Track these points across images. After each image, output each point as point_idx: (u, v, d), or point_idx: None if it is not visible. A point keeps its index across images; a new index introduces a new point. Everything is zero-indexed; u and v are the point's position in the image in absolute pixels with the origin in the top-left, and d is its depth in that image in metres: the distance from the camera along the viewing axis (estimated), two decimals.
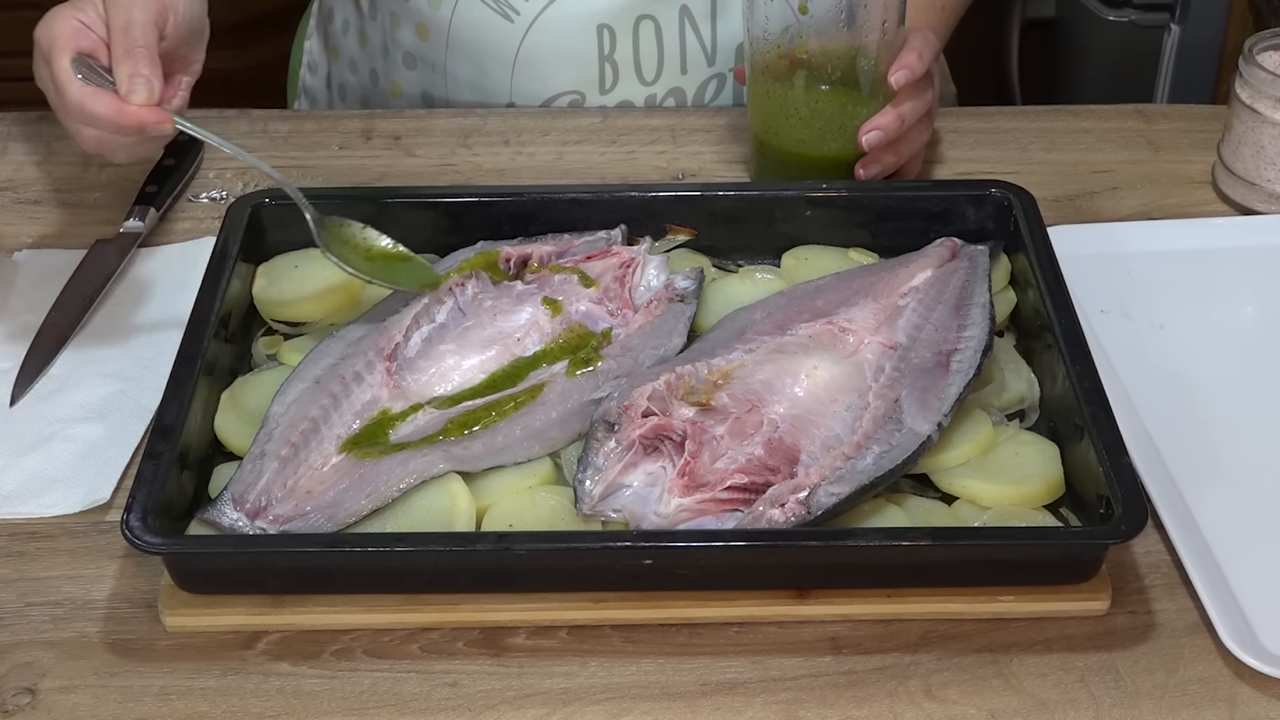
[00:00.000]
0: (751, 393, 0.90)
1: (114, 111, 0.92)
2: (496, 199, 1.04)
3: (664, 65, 1.22)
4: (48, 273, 1.07)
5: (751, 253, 1.05)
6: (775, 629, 0.84)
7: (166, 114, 0.93)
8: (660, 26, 1.20)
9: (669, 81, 1.23)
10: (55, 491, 0.92)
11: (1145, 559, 0.88)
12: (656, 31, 1.20)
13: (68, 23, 0.94)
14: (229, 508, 0.85)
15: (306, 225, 0.96)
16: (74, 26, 0.94)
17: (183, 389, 0.89)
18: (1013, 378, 0.95)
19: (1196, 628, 0.84)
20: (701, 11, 1.20)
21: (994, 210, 1.03)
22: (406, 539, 0.84)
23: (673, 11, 1.19)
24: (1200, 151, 1.20)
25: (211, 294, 0.96)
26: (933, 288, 0.98)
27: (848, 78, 1.06)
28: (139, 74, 0.92)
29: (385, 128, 1.22)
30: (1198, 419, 0.95)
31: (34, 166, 1.19)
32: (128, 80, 0.92)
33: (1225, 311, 1.04)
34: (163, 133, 0.94)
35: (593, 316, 0.97)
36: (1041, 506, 0.88)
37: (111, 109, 0.92)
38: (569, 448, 0.90)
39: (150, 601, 0.85)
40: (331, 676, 0.82)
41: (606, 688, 0.81)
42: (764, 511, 0.84)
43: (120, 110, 0.92)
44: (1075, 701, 0.80)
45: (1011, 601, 0.84)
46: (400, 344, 0.94)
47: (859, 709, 0.80)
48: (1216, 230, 1.10)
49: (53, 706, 0.80)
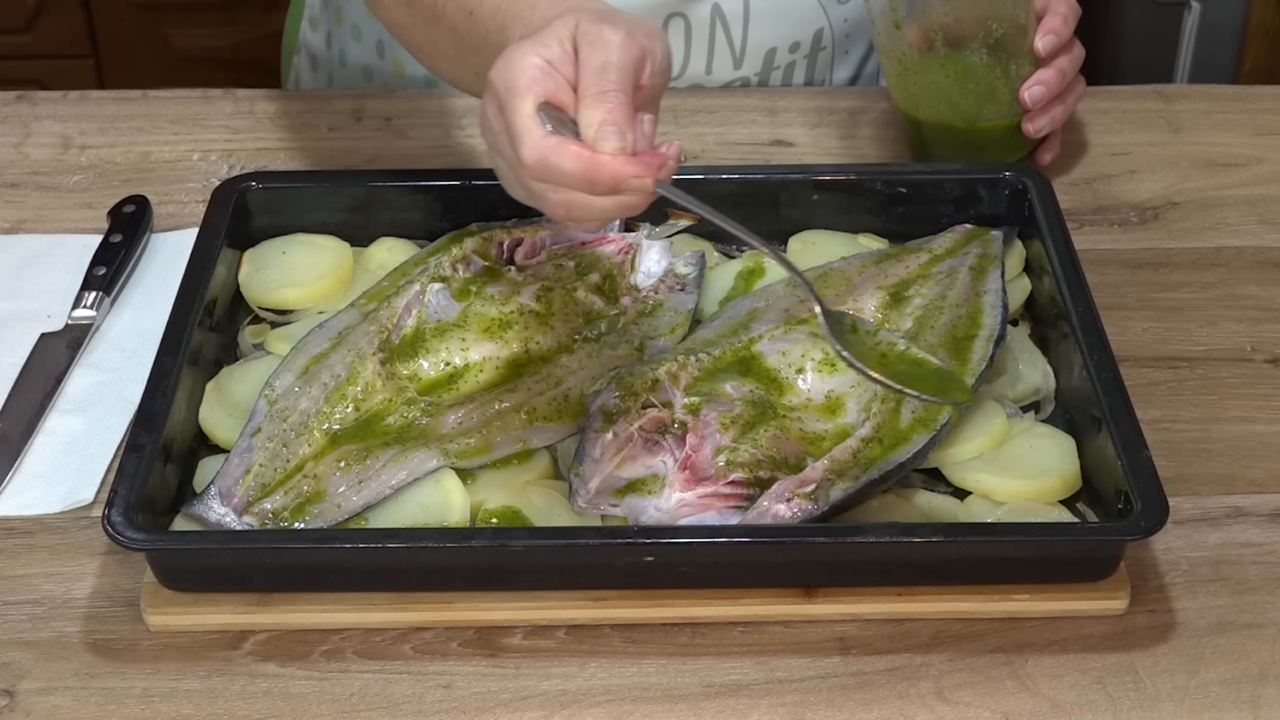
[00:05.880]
0: (755, 383, 0.89)
1: (585, 165, 0.78)
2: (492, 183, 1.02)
3: (689, 64, 1.22)
4: (26, 258, 1.06)
5: None
6: (781, 629, 0.83)
7: (645, 167, 0.78)
8: (690, 25, 1.19)
9: (690, 80, 1.23)
10: (35, 489, 0.91)
11: (1165, 556, 0.87)
12: (686, 30, 1.20)
13: (531, 62, 0.80)
14: (215, 502, 0.85)
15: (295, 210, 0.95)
16: (538, 67, 0.80)
17: (166, 379, 0.89)
18: (1028, 368, 0.95)
19: (1218, 627, 0.84)
20: (734, 13, 1.19)
21: (1008, 194, 1.03)
22: (399, 535, 0.84)
23: (705, 10, 1.19)
24: (1222, 133, 1.19)
25: (196, 281, 0.95)
26: (944, 275, 0.97)
27: (989, 42, 1.08)
28: (610, 121, 0.78)
29: (376, 109, 1.22)
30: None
31: (11, 149, 1.18)
32: (597, 126, 0.78)
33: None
34: (642, 190, 0.79)
35: (590, 304, 0.95)
36: (1057, 502, 0.88)
37: (581, 161, 0.78)
38: (566, 441, 0.90)
39: (133, 600, 0.85)
40: (321, 678, 0.81)
41: (606, 689, 0.81)
42: (769, 507, 0.83)
43: (592, 163, 0.78)
44: (1093, 704, 0.80)
45: (1026, 600, 0.84)
46: (392, 334, 0.93)
47: (868, 711, 0.80)
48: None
49: (31, 709, 0.80)
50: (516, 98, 0.79)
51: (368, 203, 1.02)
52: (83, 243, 1.06)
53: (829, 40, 1.23)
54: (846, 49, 1.25)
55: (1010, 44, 1.08)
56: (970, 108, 1.09)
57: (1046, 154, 1.13)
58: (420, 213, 1.02)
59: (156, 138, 1.18)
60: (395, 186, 1.03)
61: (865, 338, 0.84)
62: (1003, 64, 1.08)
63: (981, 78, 1.09)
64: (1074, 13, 1.10)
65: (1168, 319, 1.03)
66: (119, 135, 1.18)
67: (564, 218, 0.81)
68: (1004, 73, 1.08)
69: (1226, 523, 0.89)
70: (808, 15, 1.21)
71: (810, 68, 1.24)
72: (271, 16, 2.14)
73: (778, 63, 1.23)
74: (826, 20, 1.22)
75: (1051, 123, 1.10)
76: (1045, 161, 1.13)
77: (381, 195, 1.02)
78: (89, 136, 1.18)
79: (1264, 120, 1.20)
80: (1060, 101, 1.10)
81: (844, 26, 1.23)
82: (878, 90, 1.24)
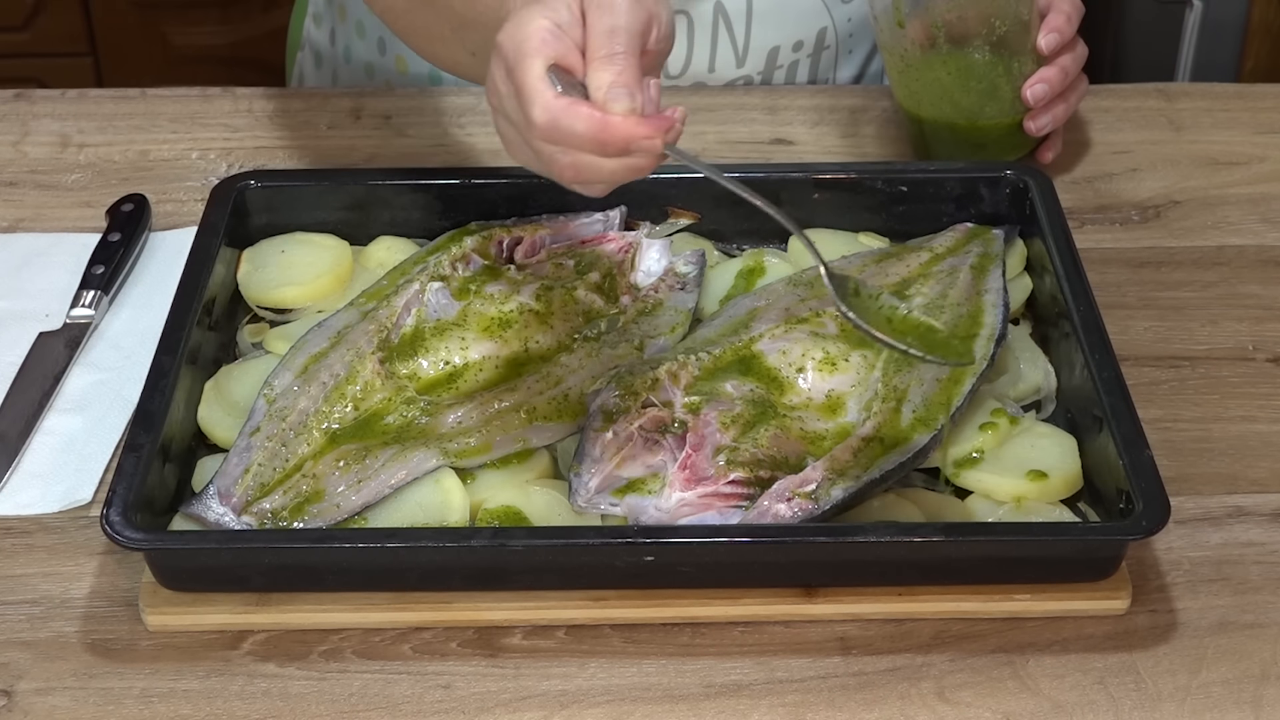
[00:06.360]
0: (756, 382, 0.89)
1: (596, 125, 0.78)
2: (491, 181, 1.03)
3: (692, 62, 1.21)
4: (24, 256, 1.06)
5: (757, 237, 1.04)
6: (782, 629, 0.83)
7: (654, 127, 0.79)
8: (693, 22, 1.19)
9: (693, 79, 1.22)
10: (33, 488, 0.91)
11: (1166, 556, 0.87)
12: (689, 28, 1.19)
13: (540, 25, 0.81)
14: (214, 502, 0.85)
15: (294, 208, 0.95)
16: (547, 29, 0.81)
17: (165, 379, 0.88)
18: (1029, 367, 0.94)
19: (1220, 627, 0.83)
20: (737, 12, 1.19)
21: (1009, 193, 1.03)
22: (398, 534, 0.83)
23: (707, 8, 1.18)
24: (1223, 132, 1.19)
25: (194, 280, 0.95)
26: (945, 274, 0.97)
27: (991, 39, 1.08)
28: (620, 83, 0.79)
29: (375, 107, 1.21)
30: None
31: (9, 147, 1.17)
32: (607, 88, 0.79)
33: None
34: (652, 151, 0.80)
35: (590, 303, 0.95)
36: (1059, 501, 0.87)
37: (592, 122, 0.78)
38: (566, 440, 0.89)
39: (131, 600, 0.84)
40: (320, 678, 0.81)
41: (606, 690, 0.80)
42: (769, 506, 0.83)
43: (603, 124, 0.78)
44: (1094, 704, 0.80)
45: (1027, 600, 0.83)
46: (391, 333, 0.93)
47: (869, 712, 0.79)
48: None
49: (30, 709, 0.79)
50: (526, 59, 0.79)
51: (367, 201, 1.02)
52: (81, 241, 1.06)
53: (833, 39, 1.23)
54: (850, 49, 1.25)
55: (1013, 42, 1.08)
56: (972, 106, 1.09)
57: (1048, 152, 1.13)
58: (419, 211, 1.02)
59: (155, 136, 1.17)
60: (394, 185, 1.03)
61: (869, 301, 0.84)
62: (1005, 62, 1.08)
63: (984, 75, 1.08)
64: (1077, 11, 1.10)
65: (1169, 318, 1.02)
66: (117, 134, 1.18)
67: (572, 180, 0.81)
68: (1006, 71, 1.08)
69: (1228, 522, 0.89)
70: (811, 14, 1.21)
71: (814, 67, 1.24)
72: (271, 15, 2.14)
73: (781, 61, 1.22)
74: (830, 19, 1.22)
75: (1053, 121, 1.10)
76: (1047, 160, 1.13)
77: (381, 194, 1.02)
78: (87, 135, 1.18)
79: (1266, 119, 1.20)
80: (1062, 100, 1.10)
81: (848, 26, 1.23)
82: (879, 89, 1.23)
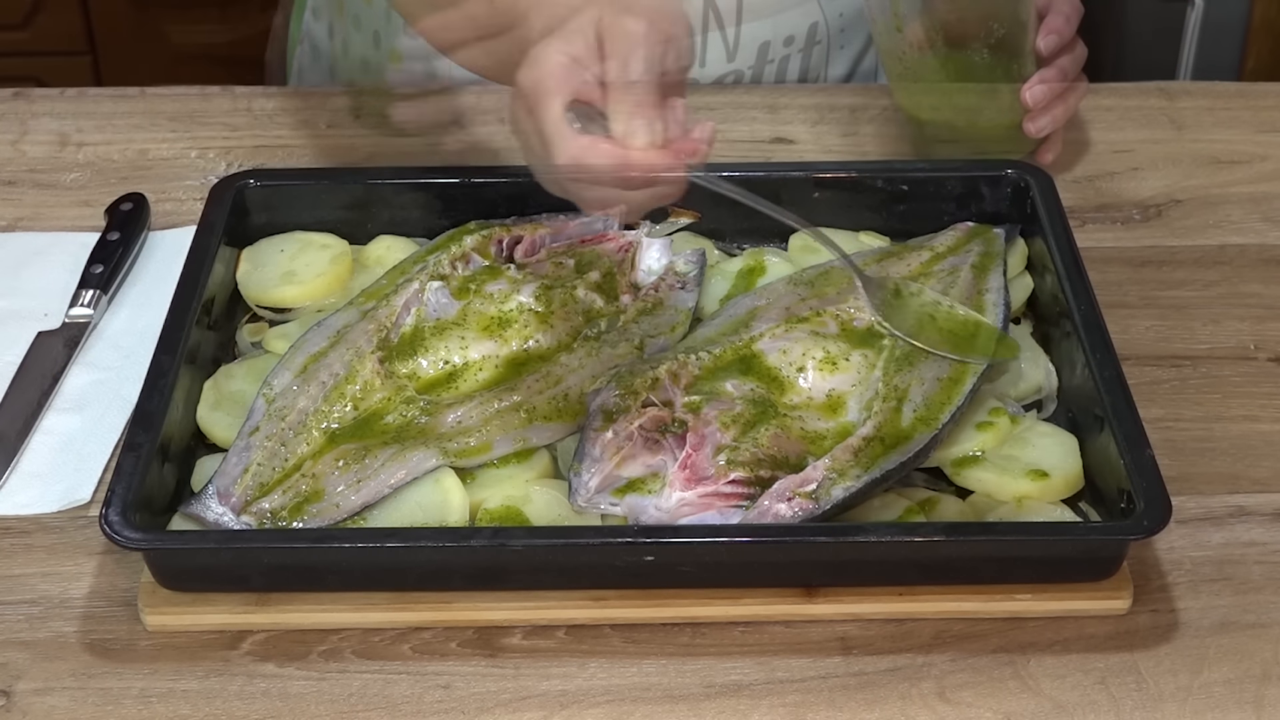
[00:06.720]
0: (756, 382, 0.89)
1: (618, 161, 0.80)
2: (491, 180, 1.03)
3: None
4: (22, 256, 1.06)
5: (757, 236, 1.04)
6: (782, 628, 0.83)
7: (676, 157, 0.80)
8: None
9: None
10: (32, 488, 0.91)
11: (1168, 555, 0.87)
12: None
13: (557, 61, 0.81)
14: (213, 502, 0.85)
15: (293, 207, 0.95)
16: (564, 65, 0.81)
17: (164, 378, 0.88)
18: (1030, 366, 0.94)
19: (1221, 627, 0.83)
20: (727, 6, 1.19)
21: (1010, 192, 1.03)
22: (398, 534, 0.83)
23: (698, 2, 1.18)
24: (1225, 130, 1.19)
25: (194, 279, 0.95)
26: (946, 273, 0.96)
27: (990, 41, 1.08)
28: (639, 115, 0.80)
29: (375, 106, 1.21)
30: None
31: (8, 146, 1.17)
32: (626, 121, 0.80)
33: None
34: (676, 180, 0.82)
35: (590, 303, 0.95)
36: (1060, 501, 0.87)
37: (614, 159, 0.80)
38: (566, 440, 0.89)
39: (130, 600, 0.84)
40: (319, 678, 0.81)
41: (606, 690, 0.80)
42: (770, 506, 0.83)
43: (625, 159, 0.80)
44: (1095, 704, 0.79)
45: (1028, 600, 0.83)
46: (391, 332, 0.93)
47: (870, 712, 0.79)
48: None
49: (28, 709, 0.79)
50: (545, 99, 0.80)
51: (366, 200, 1.02)
52: (80, 241, 1.06)
53: (824, 34, 1.22)
54: (842, 44, 1.25)
55: (1012, 43, 1.07)
56: (971, 107, 1.09)
57: (1048, 154, 1.13)
58: (419, 210, 1.02)
59: (154, 135, 1.17)
60: (394, 184, 1.02)
61: (909, 300, 0.84)
62: (1004, 63, 1.08)
63: (983, 77, 1.08)
64: (1076, 12, 1.09)
65: (1170, 317, 1.02)
66: (116, 133, 1.17)
67: (602, 213, 0.83)
68: (1005, 72, 1.08)
69: (1230, 522, 0.88)
70: (802, 9, 1.21)
71: (805, 62, 1.24)
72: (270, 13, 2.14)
73: (771, 56, 1.22)
74: (821, 14, 1.21)
75: (1053, 122, 1.10)
76: (1046, 161, 1.12)
77: (380, 193, 1.02)
78: (86, 134, 1.17)
79: (1267, 117, 1.19)
80: (1062, 101, 1.09)
81: (839, 21, 1.23)
82: (879, 87, 1.23)
